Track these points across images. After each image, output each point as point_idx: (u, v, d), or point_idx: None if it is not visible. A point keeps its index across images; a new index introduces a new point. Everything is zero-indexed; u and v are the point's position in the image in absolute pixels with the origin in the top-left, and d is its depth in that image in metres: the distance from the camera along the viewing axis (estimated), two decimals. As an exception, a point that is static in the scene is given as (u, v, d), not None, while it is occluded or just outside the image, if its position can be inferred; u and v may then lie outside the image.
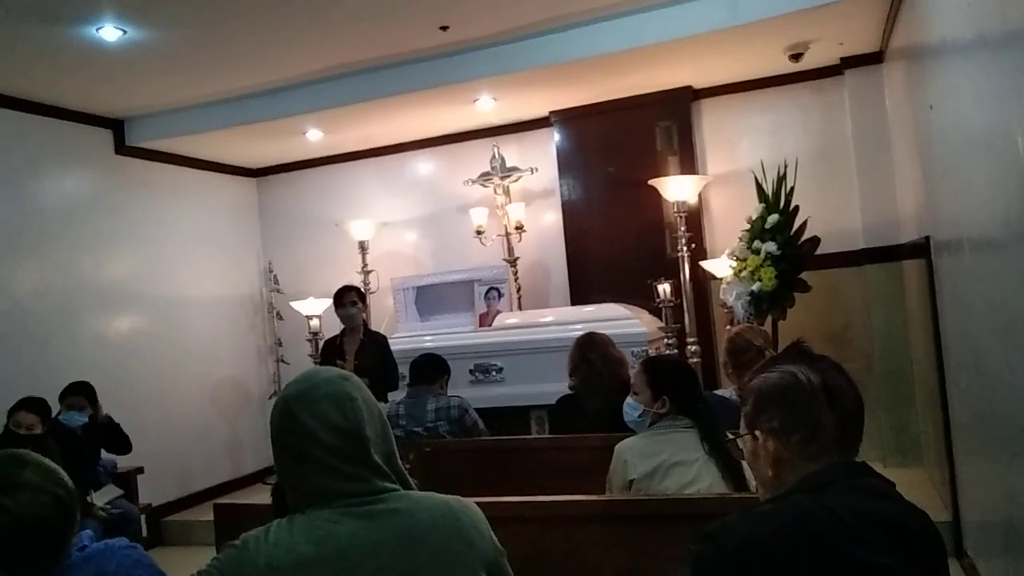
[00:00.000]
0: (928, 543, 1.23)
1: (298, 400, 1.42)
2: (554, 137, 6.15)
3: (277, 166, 7.03)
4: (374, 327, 5.70)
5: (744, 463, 2.41)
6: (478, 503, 1.51)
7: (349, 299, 4.86)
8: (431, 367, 4.13)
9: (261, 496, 3.30)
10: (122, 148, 5.79)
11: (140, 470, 4.87)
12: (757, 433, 1.33)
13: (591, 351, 3.57)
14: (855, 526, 1.17)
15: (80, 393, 4.43)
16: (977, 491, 3.31)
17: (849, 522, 1.17)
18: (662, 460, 2.49)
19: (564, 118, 6.08)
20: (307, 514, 1.37)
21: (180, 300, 6.17)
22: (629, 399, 2.72)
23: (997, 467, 2.74)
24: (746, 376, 1.51)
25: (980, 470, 3.16)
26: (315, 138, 6.15)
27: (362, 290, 5.29)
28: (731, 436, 1.44)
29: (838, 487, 1.23)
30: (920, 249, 4.05)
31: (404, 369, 4.50)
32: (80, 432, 4.30)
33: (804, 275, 4.78)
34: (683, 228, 5.12)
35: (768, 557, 1.14)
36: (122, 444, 4.58)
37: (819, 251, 4.85)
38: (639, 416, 2.68)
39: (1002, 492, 2.69)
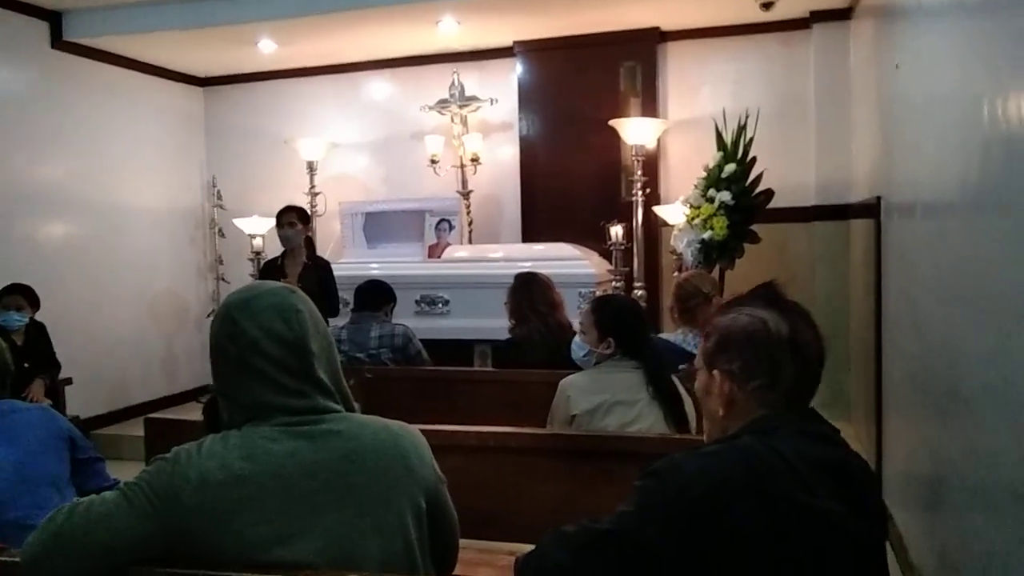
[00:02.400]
0: (869, 489, 1.25)
1: (241, 307, 1.36)
2: (517, 69, 6.00)
3: (226, 76, 6.72)
4: (320, 251, 5.58)
5: (687, 402, 2.44)
6: (419, 430, 1.48)
7: (287, 220, 4.71)
8: (376, 293, 4.07)
9: (195, 414, 3.21)
10: (59, 43, 5.44)
11: (69, 381, 4.72)
12: (715, 372, 1.32)
13: (539, 301, 3.54)
14: (802, 470, 1.17)
15: (18, 293, 4.25)
16: (901, 447, 3.42)
17: (796, 465, 1.17)
18: (605, 398, 2.51)
19: (528, 49, 5.93)
20: (243, 431, 1.32)
21: (118, 208, 5.92)
22: (577, 338, 2.72)
23: (924, 425, 2.83)
24: (708, 312, 1.50)
25: (906, 427, 3.26)
26: (268, 50, 5.87)
27: (307, 212, 5.14)
28: (681, 368, 1.42)
29: (787, 431, 1.23)
30: (870, 209, 4.10)
31: (348, 295, 4.44)
32: (20, 331, 4.21)
33: (755, 227, 4.81)
34: (639, 172, 5.07)
35: (713, 496, 1.14)
36: (51, 362, 4.45)
37: (771, 205, 4.88)
38: (585, 355, 2.69)
39: (927, 450, 2.78)
